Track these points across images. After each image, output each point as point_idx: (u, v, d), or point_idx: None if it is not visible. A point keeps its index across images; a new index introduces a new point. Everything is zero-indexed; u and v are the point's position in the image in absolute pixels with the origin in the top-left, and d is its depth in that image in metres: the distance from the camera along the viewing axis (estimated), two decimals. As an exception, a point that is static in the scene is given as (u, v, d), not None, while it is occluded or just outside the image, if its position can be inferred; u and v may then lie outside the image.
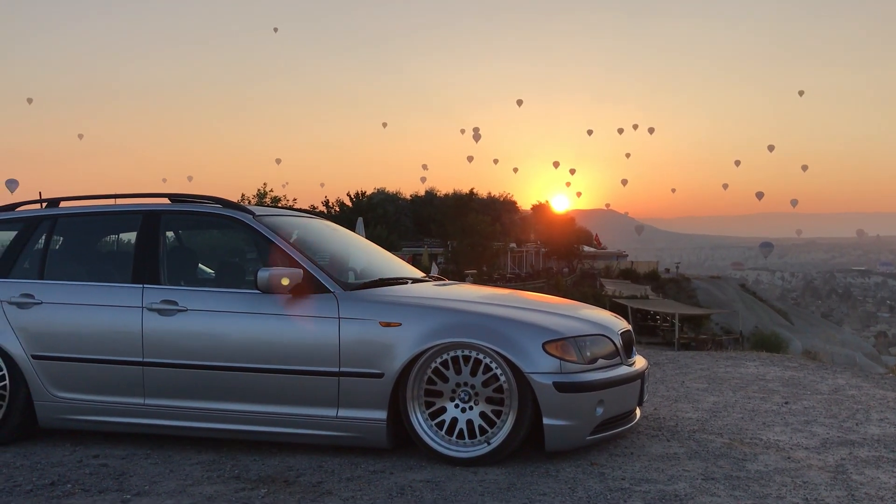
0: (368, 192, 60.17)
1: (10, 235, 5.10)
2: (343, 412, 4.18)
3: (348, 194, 59.08)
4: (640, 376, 4.47)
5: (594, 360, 4.17)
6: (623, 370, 4.32)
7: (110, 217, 5.17)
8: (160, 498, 3.62)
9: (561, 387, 3.94)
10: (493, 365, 4.03)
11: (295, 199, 44.25)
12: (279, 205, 38.79)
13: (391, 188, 65.14)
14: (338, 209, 56.22)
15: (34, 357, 4.62)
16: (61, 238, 5.09)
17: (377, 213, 53.21)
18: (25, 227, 5.04)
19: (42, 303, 4.69)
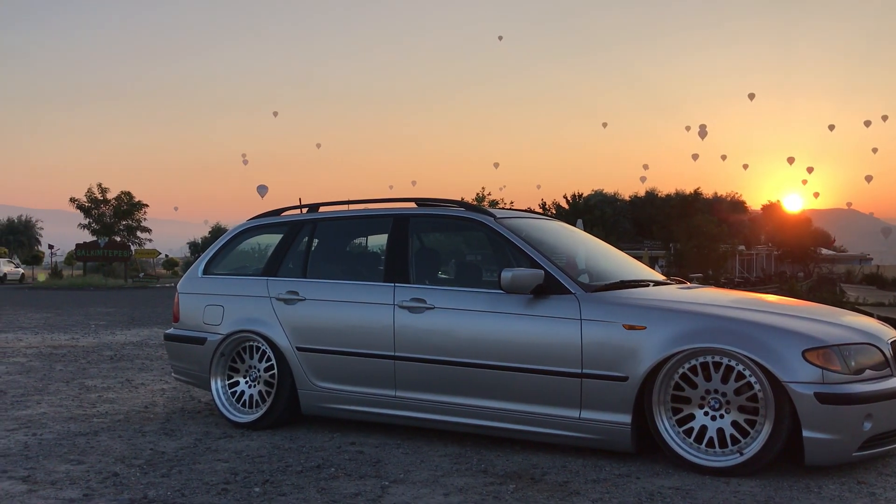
0: (585, 194, 59.62)
1: (276, 238, 5.62)
2: (586, 414, 4.17)
3: (565, 196, 58.91)
4: (914, 390, 4.07)
5: (860, 371, 3.85)
6: (894, 382, 3.96)
7: (364, 220, 5.54)
8: (416, 486, 3.82)
9: (823, 398, 3.68)
10: (747, 373, 3.84)
11: (512, 202, 44.83)
12: (497, 207, 39.43)
13: (609, 189, 64.07)
14: (554, 211, 56.22)
15: (298, 349, 5.05)
16: (320, 240, 5.52)
17: (594, 215, 52.57)
18: (290, 230, 5.52)
19: (305, 299, 5.12)
